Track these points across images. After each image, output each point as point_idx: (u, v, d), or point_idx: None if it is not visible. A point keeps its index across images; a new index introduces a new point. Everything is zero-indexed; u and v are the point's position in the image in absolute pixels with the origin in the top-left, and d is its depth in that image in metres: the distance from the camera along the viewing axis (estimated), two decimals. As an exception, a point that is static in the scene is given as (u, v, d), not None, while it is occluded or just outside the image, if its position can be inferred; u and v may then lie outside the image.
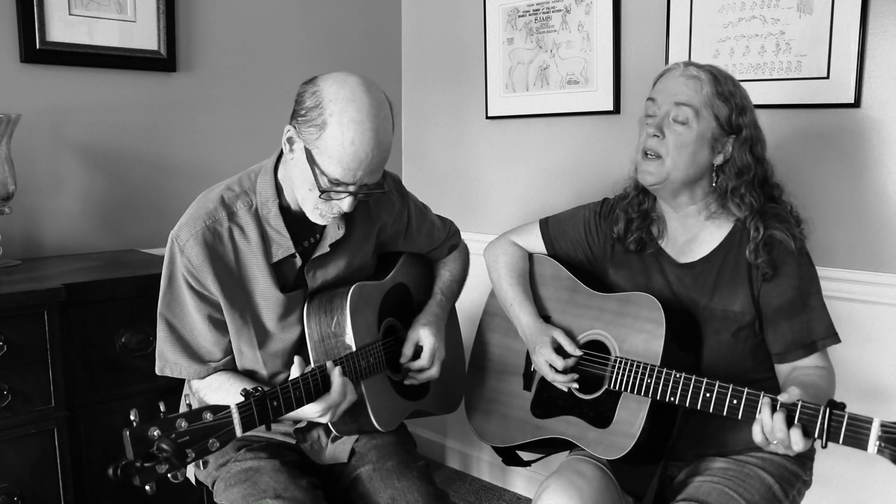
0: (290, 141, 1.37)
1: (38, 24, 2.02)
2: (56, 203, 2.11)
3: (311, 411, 1.36)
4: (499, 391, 1.76)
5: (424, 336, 1.61)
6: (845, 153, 1.90)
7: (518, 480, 2.75)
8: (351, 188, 1.35)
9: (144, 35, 2.23)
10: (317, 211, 1.39)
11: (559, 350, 1.59)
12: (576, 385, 1.57)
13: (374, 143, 1.32)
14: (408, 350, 1.61)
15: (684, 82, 1.46)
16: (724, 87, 1.46)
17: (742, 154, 1.47)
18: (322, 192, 1.34)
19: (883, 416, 1.17)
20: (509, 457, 1.79)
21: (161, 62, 2.27)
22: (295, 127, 1.36)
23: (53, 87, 2.09)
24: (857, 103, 1.85)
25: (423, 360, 1.60)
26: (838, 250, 1.91)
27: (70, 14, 2.08)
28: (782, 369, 1.49)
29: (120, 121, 2.22)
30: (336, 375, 1.37)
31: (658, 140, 1.47)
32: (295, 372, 1.36)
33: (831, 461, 1.90)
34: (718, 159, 1.49)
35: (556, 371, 1.57)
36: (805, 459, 1.54)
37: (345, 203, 1.37)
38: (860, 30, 1.82)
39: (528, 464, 1.83)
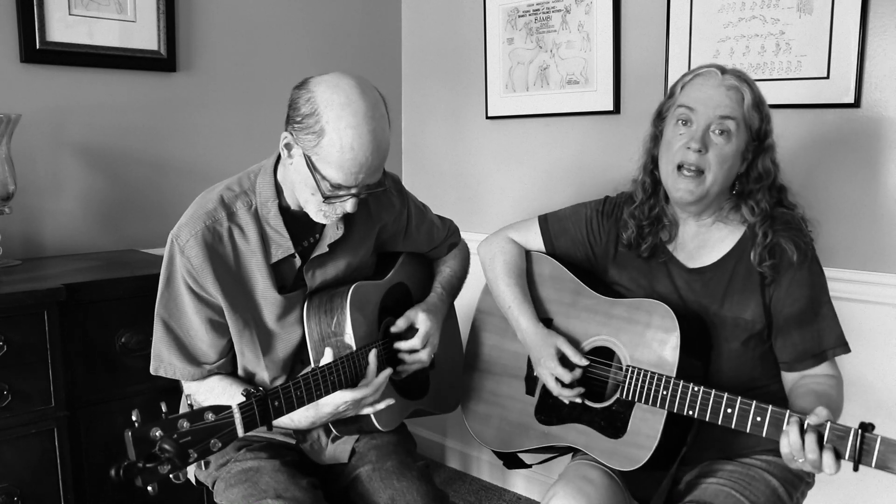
0: (287, 147, 1.37)
1: (38, 24, 2.02)
2: (56, 203, 2.11)
3: (339, 398, 1.39)
4: (498, 394, 1.73)
5: (421, 319, 1.60)
6: (845, 153, 1.90)
7: (518, 481, 2.75)
8: (353, 190, 1.36)
9: (144, 35, 2.23)
10: (321, 213, 1.40)
11: (563, 360, 1.55)
12: (578, 400, 1.54)
13: (374, 146, 1.32)
14: (401, 323, 1.59)
15: (726, 93, 1.42)
16: (758, 96, 1.44)
17: (765, 161, 1.45)
18: (325, 198, 1.35)
19: (882, 416, 1.17)
20: (510, 460, 1.77)
21: (161, 62, 2.27)
22: (292, 133, 1.35)
23: (53, 87, 2.09)
24: (857, 103, 1.85)
25: (416, 341, 1.58)
26: (838, 250, 1.91)
27: (70, 14, 2.08)
28: (790, 377, 1.48)
29: (120, 121, 2.22)
30: (373, 362, 1.45)
31: (700, 155, 1.41)
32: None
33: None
34: (742, 168, 1.46)
35: (563, 385, 1.53)
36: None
37: (348, 204, 1.37)
38: (860, 30, 1.82)
39: (529, 465, 1.82)
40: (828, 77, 1.88)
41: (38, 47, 2.03)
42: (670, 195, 1.50)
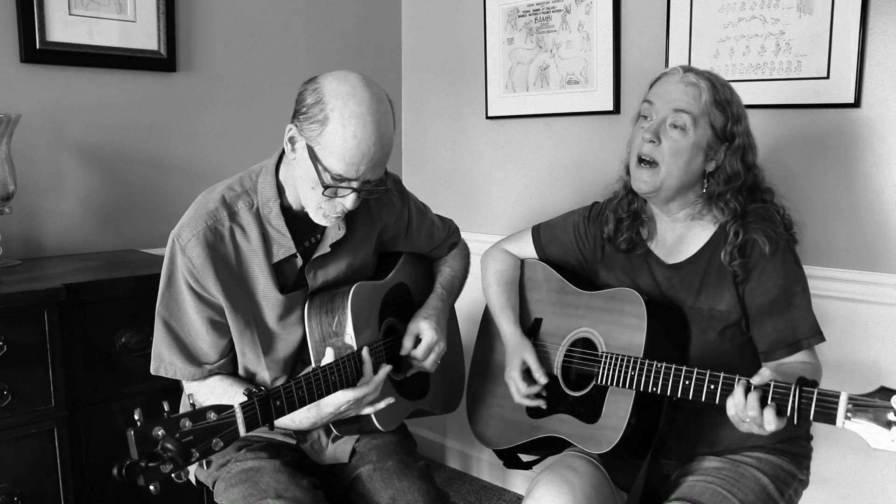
0: (291, 140, 1.38)
1: (38, 24, 2.02)
2: (56, 203, 2.11)
3: (341, 398, 1.39)
4: (498, 395, 1.76)
5: (424, 328, 1.61)
6: (845, 153, 1.90)
7: (518, 480, 2.75)
8: (354, 184, 1.35)
9: (144, 35, 2.23)
10: (320, 211, 1.39)
11: (528, 373, 1.62)
12: (544, 406, 1.61)
13: (376, 136, 1.32)
14: (408, 342, 1.61)
15: (683, 89, 1.46)
16: (722, 96, 1.47)
17: (733, 162, 1.48)
18: (325, 187, 1.34)
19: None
20: (510, 459, 1.80)
21: (161, 62, 2.27)
22: (297, 125, 1.36)
23: (53, 87, 2.09)
24: (857, 103, 1.85)
25: (418, 352, 1.60)
26: (837, 250, 1.91)
27: (70, 14, 2.08)
28: (768, 366, 1.49)
29: (120, 121, 2.22)
30: (367, 360, 1.44)
31: (654, 146, 1.47)
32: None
33: (829, 461, 1.90)
34: (710, 166, 1.49)
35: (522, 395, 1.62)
36: (801, 458, 1.55)
37: (348, 200, 1.37)
38: (860, 30, 1.82)
39: (529, 466, 1.83)
40: (828, 77, 1.88)
41: (38, 47, 2.03)
42: (633, 186, 1.54)
